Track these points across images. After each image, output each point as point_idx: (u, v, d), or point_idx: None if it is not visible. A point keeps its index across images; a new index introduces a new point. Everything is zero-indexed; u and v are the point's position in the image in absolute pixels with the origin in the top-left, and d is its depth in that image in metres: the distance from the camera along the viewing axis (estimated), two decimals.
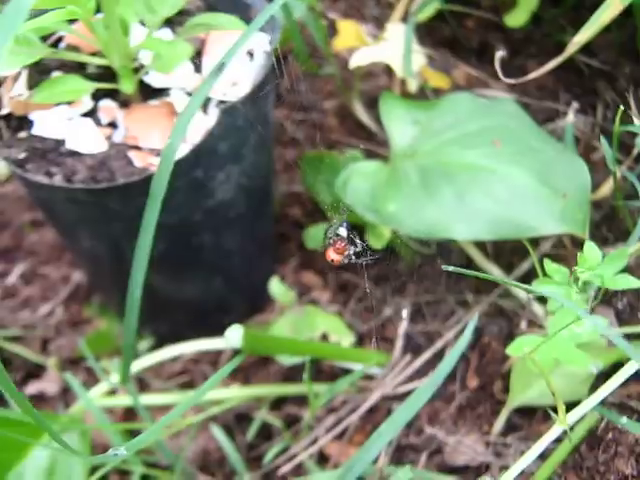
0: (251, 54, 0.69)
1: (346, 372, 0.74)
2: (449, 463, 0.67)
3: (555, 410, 0.54)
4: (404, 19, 0.86)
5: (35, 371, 0.81)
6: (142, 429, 0.68)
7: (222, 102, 0.63)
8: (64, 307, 0.85)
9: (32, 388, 0.79)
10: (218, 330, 0.78)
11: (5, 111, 0.66)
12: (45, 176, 0.60)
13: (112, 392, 0.71)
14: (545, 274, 0.59)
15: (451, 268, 0.43)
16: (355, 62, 0.77)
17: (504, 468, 0.64)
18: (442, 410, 0.71)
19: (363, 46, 0.82)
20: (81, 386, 0.65)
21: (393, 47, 0.79)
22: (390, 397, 0.72)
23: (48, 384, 0.78)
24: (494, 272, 0.75)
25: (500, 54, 0.68)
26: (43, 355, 0.81)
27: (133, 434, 0.73)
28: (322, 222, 0.82)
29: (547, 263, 0.60)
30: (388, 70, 0.93)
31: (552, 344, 0.57)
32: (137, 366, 0.69)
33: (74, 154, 0.62)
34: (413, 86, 0.80)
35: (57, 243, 0.89)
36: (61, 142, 0.63)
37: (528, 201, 0.66)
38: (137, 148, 0.62)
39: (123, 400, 0.67)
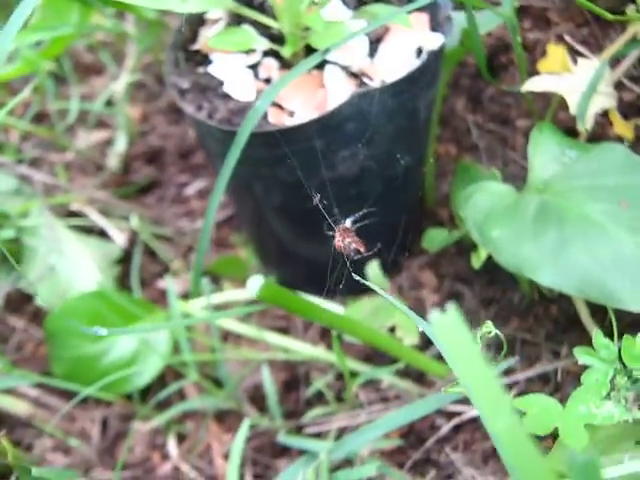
0: (420, 51, 0.72)
1: (421, 378, 0.77)
2: None
3: None
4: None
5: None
6: (214, 347, 0.78)
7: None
8: (216, 228, 0.96)
9: (162, 283, 0.92)
10: (331, 295, 0.85)
11: (196, 47, 0.77)
12: (195, 109, 0.70)
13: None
14: None
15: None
16: (527, 87, 0.76)
17: None
18: (478, 442, 0.71)
19: (565, 73, 0.81)
20: (174, 293, 0.75)
21: (576, 81, 0.77)
22: None
23: (175, 284, 0.90)
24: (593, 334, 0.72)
25: None
26: (183, 261, 0.93)
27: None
28: (451, 227, 0.84)
29: (598, 336, 0.58)
30: None
31: (562, 413, 0.55)
32: (228, 296, 0.78)
33: (225, 96, 0.71)
34: (581, 126, 0.77)
35: None
36: (223, 84, 0.73)
37: (627, 271, 0.62)
38: (278, 106, 0.70)
39: (202, 315, 0.76)
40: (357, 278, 0.50)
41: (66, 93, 1.10)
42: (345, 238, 0.58)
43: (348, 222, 0.58)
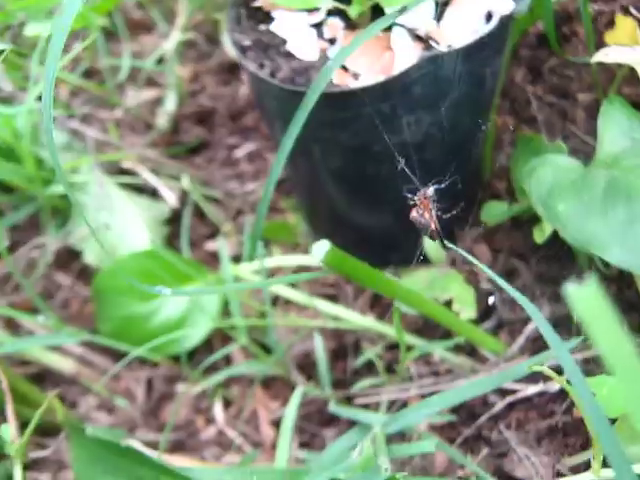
0: (490, 16, 0.69)
1: (474, 353, 0.76)
2: (505, 469, 0.66)
3: None
4: None
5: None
6: (263, 311, 0.76)
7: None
8: None
9: (211, 245, 0.90)
10: (382, 264, 0.83)
11: (257, 4, 0.74)
12: (257, 66, 0.68)
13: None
14: None
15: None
16: (597, 58, 0.73)
17: None
18: (532, 422, 0.69)
19: (635, 45, 0.78)
20: (226, 255, 0.74)
21: None
22: None
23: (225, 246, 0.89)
24: None
25: None
26: (232, 223, 0.92)
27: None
28: (509, 200, 0.81)
29: None
30: None
31: None
32: (280, 262, 0.77)
33: (288, 55, 0.69)
34: None
35: None
36: (285, 42, 0.70)
37: None
38: (343, 67, 0.67)
39: (253, 278, 0.74)
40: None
41: (116, 50, 1.08)
42: (424, 212, 0.55)
43: (431, 190, 0.55)
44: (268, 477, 0.55)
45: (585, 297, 0.22)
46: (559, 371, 0.57)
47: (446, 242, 0.59)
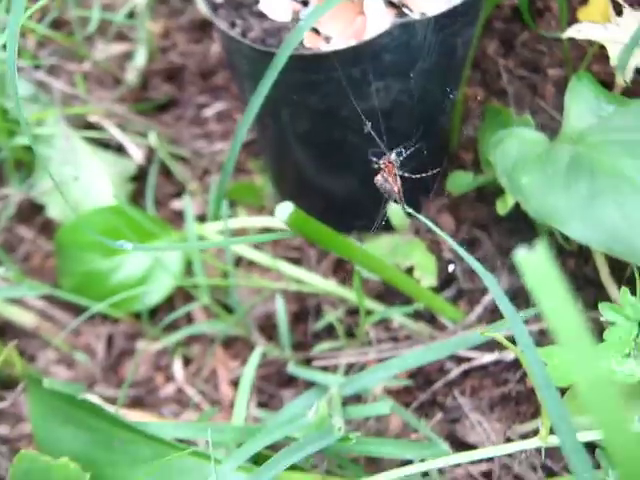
0: None
1: (433, 321, 0.77)
2: (458, 435, 0.67)
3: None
4: None
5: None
6: (226, 271, 0.77)
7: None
8: None
9: (177, 204, 0.90)
10: (348, 231, 0.84)
11: None
12: (228, 25, 0.67)
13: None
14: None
15: None
16: (569, 33, 0.74)
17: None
18: (486, 389, 0.71)
19: (607, 23, 0.78)
20: (191, 213, 0.74)
21: (621, 32, 0.75)
22: None
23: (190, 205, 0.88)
24: (612, 292, 0.72)
25: None
26: (199, 183, 0.92)
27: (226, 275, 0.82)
28: (474, 172, 0.82)
29: (625, 293, 0.57)
30: None
31: None
32: (245, 222, 0.77)
33: (260, 15, 0.68)
34: (620, 78, 0.75)
35: None
36: (258, 2, 0.70)
37: None
38: (315, 30, 0.67)
39: (217, 238, 0.74)
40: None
41: (86, 2, 1.06)
42: (389, 176, 0.55)
43: (393, 155, 0.56)
44: (223, 433, 0.56)
45: (534, 263, 0.23)
46: (516, 342, 0.59)
47: (409, 209, 0.59)
